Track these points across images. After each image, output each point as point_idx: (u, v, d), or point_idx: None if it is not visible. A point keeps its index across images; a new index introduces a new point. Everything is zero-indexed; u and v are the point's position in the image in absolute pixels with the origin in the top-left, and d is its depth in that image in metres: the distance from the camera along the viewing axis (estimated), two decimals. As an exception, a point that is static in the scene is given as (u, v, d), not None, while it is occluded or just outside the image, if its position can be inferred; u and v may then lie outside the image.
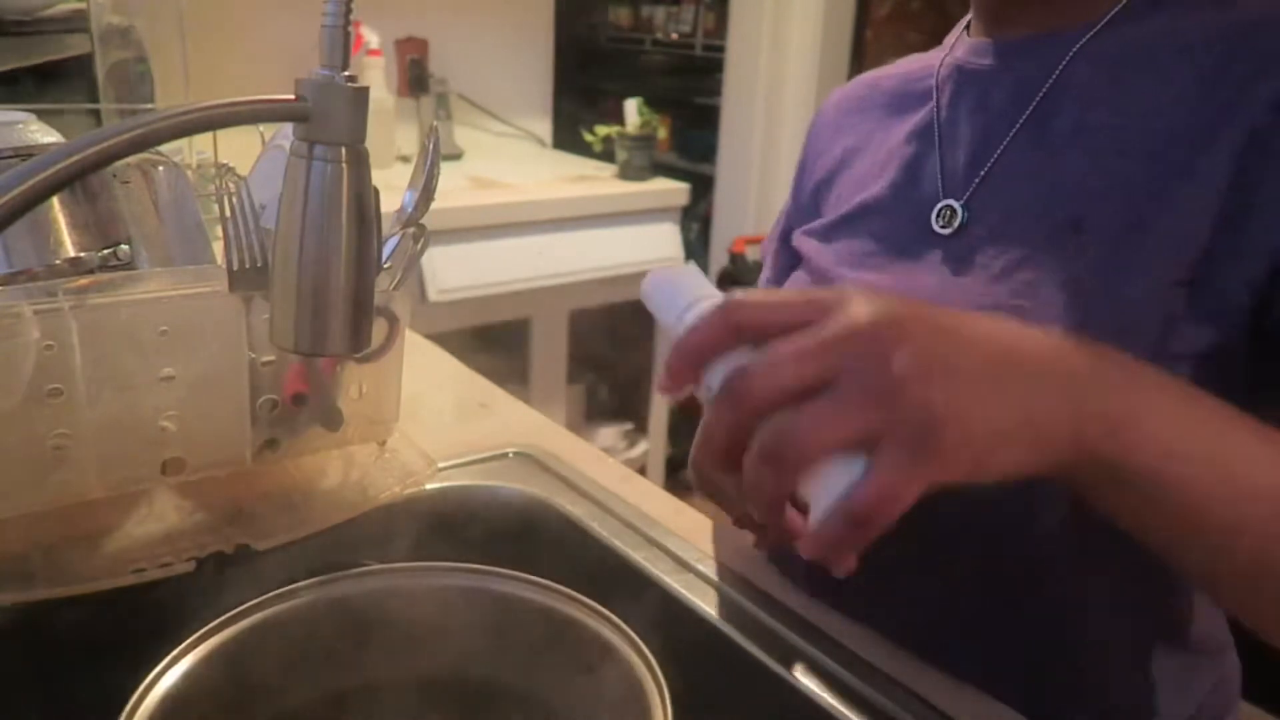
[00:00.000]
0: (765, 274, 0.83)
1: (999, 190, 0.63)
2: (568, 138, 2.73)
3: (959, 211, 0.63)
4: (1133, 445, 0.40)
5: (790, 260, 0.77)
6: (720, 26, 3.03)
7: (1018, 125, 0.63)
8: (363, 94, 0.44)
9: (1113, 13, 0.61)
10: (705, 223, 3.09)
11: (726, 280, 2.84)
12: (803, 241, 0.75)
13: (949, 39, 0.73)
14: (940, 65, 0.70)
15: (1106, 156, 0.58)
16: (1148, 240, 0.55)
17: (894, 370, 0.37)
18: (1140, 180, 0.57)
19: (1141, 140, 0.57)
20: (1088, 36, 0.61)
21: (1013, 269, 0.60)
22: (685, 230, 2.45)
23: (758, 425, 0.38)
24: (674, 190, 2.30)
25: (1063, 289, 0.58)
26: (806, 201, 0.78)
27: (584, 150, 2.49)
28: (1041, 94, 0.62)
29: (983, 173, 0.63)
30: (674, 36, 3.46)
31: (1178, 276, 0.54)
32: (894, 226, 0.68)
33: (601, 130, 2.38)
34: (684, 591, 0.68)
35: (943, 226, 0.64)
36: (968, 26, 0.71)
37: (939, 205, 0.65)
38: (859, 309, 0.39)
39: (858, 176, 0.73)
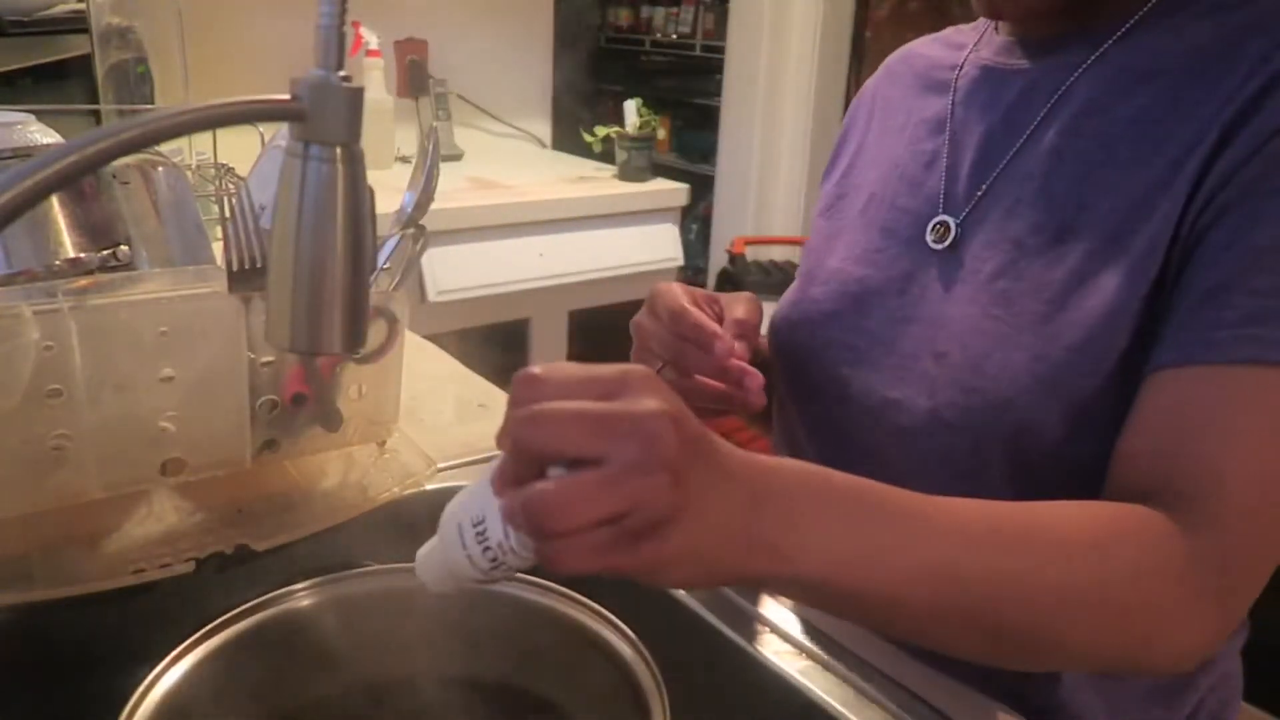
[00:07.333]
0: None
1: (996, 199, 0.62)
2: (567, 138, 2.72)
3: (953, 229, 0.64)
4: (799, 563, 0.43)
5: None
6: (720, 27, 3.04)
7: (1025, 134, 0.62)
8: (357, 94, 0.44)
9: (1139, 14, 0.60)
10: (705, 223, 3.09)
11: (726, 280, 2.85)
12: (816, 220, 0.76)
13: (982, 25, 0.71)
14: (964, 61, 0.70)
15: (1097, 166, 0.58)
16: (1124, 253, 0.55)
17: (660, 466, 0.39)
18: (1125, 191, 0.56)
19: (1134, 150, 0.57)
20: (1111, 41, 0.60)
21: (995, 277, 0.60)
22: (685, 231, 2.45)
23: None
24: (673, 191, 2.30)
25: (1036, 299, 0.58)
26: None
27: (583, 151, 2.49)
28: (1052, 101, 0.61)
29: (985, 185, 0.63)
30: (674, 37, 3.46)
31: (1144, 291, 0.54)
32: (895, 226, 0.68)
33: (601, 131, 2.38)
34: (683, 592, 0.68)
35: (936, 241, 0.65)
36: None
37: (934, 220, 0.65)
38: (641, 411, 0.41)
39: (873, 154, 0.74)
